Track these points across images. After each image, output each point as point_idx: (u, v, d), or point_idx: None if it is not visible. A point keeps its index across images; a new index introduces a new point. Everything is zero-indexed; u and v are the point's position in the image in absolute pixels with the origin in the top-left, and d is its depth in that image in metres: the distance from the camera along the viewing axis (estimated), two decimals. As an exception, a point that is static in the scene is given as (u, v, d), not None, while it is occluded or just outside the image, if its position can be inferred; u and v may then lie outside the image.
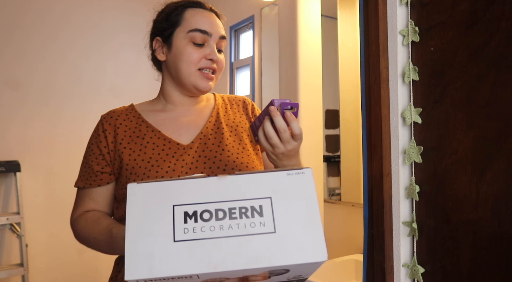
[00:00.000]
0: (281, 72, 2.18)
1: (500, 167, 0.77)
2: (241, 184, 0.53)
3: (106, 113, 0.96)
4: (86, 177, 0.91)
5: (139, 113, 0.94)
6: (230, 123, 0.95)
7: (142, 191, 0.52)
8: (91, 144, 0.93)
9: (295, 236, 0.50)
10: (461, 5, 0.83)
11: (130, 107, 0.97)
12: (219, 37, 0.90)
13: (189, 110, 0.95)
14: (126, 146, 0.88)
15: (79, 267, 2.48)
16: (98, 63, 2.61)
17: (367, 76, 0.98)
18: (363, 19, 1.00)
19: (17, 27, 2.38)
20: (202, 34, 0.88)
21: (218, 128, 0.92)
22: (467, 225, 0.82)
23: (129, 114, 0.94)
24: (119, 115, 0.94)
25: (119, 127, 0.91)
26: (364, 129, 0.99)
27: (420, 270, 0.88)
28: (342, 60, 2.17)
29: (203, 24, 0.88)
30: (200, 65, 0.88)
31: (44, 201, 2.42)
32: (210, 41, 0.89)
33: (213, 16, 0.92)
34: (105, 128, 0.92)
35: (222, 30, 0.92)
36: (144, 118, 0.93)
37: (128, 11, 2.69)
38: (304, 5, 2.06)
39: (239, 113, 0.98)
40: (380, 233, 0.93)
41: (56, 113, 2.48)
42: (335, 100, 2.22)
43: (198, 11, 0.91)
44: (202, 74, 0.88)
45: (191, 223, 0.50)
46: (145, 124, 0.91)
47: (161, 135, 0.89)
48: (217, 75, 0.92)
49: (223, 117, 0.96)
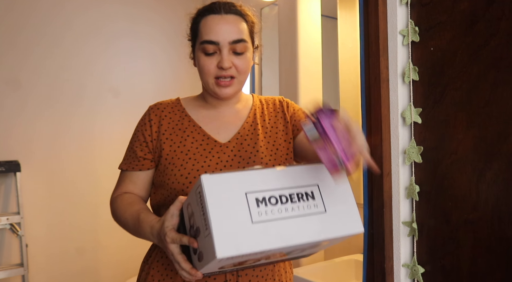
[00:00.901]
0: (281, 72, 2.18)
1: (500, 167, 0.77)
2: (294, 175, 0.64)
3: (153, 105, 1.00)
4: (129, 160, 0.96)
5: (184, 108, 0.99)
6: (266, 125, 0.98)
7: (216, 182, 0.60)
8: (137, 131, 0.97)
9: (340, 214, 0.63)
10: (461, 5, 0.83)
11: (176, 101, 1.02)
12: (229, 42, 0.89)
13: (229, 109, 0.99)
14: (168, 137, 0.94)
15: (79, 267, 2.48)
16: (101, 66, 2.61)
17: (367, 76, 0.98)
18: (363, 19, 1.00)
19: (21, 30, 2.39)
20: (210, 45, 0.89)
21: (254, 130, 0.96)
22: (467, 225, 0.82)
23: (174, 108, 0.99)
24: (165, 108, 0.98)
25: (164, 119, 0.96)
26: (364, 129, 0.99)
27: (420, 270, 0.88)
28: (342, 60, 2.16)
29: (210, 33, 0.90)
30: (216, 75, 0.90)
31: (44, 201, 2.41)
32: (221, 49, 0.89)
33: (224, 20, 0.91)
34: (151, 118, 0.96)
35: (235, 31, 0.90)
36: (187, 113, 0.98)
37: (131, 15, 2.69)
38: (304, 5, 2.06)
39: (274, 112, 1.00)
40: (380, 233, 0.93)
41: (56, 113, 2.48)
42: (335, 100, 2.22)
43: (208, 19, 0.91)
44: (218, 82, 0.91)
45: (262, 207, 0.60)
46: (187, 119, 0.96)
47: (201, 131, 0.94)
48: (239, 79, 0.92)
49: (259, 118, 0.98)
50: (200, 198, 0.60)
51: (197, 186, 0.61)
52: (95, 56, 2.60)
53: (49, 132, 2.45)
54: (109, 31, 2.64)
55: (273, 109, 1.01)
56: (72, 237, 2.46)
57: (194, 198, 0.63)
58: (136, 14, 2.69)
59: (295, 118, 0.99)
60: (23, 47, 2.40)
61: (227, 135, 0.94)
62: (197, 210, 0.62)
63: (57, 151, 2.47)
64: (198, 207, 0.62)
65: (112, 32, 2.64)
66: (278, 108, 1.01)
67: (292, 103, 1.04)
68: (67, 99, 2.52)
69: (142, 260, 0.99)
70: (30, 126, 2.40)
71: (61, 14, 2.51)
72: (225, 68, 0.89)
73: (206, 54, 0.90)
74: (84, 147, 2.54)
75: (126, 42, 2.67)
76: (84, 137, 2.55)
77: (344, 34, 2.17)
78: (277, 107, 1.01)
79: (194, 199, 0.63)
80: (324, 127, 0.63)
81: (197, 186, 0.62)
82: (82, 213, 2.49)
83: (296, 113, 1.00)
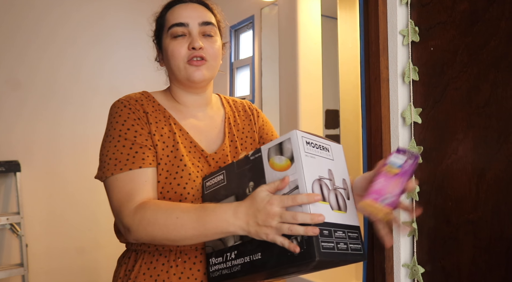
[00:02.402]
0: (281, 72, 2.18)
1: (500, 167, 0.77)
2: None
3: (124, 98, 0.86)
4: (136, 157, 0.79)
5: (164, 108, 0.89)
6: (240, 135, 0.95)
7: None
8: (131, 125, 0.82)
9: None
10: (461, 5, 0.83)
11: (148, 96, 0.90)
12: (198, 23, 0.87)
13: (202, 114, 0.93)
14: (159, 139, 0.83)
15: (79, 267, 2.48)
16: (97, 62, 2.61)
17: (367, 76, 0.98)
18: (363, 19, 1.00)
19: (18, 29, 2.38)
20: (179, 27, 0.87)
21: (232, 141, 0.93)
22: (467, 225, 0.82)
23: (152, 104, 0.88)
24: (143, 104, 0.87)
25: (151, 115, 0.85)
26: (364, 129, 0.99)
27: (420, 270, 0.88)
28: (342, 60, 2.16)
29: (179, 17, 0.87)
30: (188, 56, 0.86)
31: (44, 201, 2.42)
32: (190, 31, 0.87)
33: (191, 7, 0.90)
34: (136, 109, 0.84)
35: (203, 16, 0.89)
36: (169, 113, 0.89)
37: (127, 8, 2.69)
38: (304, 5, 2.06)
39: (247, 120, 0.98)
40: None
41: (57, 113, 2.48)
42: (335, 100, 2.22)
43: (176, 8, 0.90)
44: (191, 64, 0.86)
45: None
46: (172, 120, 0.88)
47: (188, 137, 0.87)
48: (211, 63, 0.88)
49: (233, 128, 0.95)
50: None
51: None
52: (99, 60, 2.60)
53: (49, 132, 2.45)
54: (104, 25, 2.63)
55: (244, 117, 0.98)
56: (72, 236, 2.46)
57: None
58: (132, 7, 2.69)
59: (265, 131, 0.97)
60: (20, 47, 2.39)
61: (210, 146, 0.89)
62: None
63: (57, 151, 2.47)
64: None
65: (107, 26, 2.64)
66: (249, 116, 0.98)
67: (261, 112, 1.01)
68: (67, 100, 2.52)
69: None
70: (30, 126, 2.40)
71: (56, 11, 2.50)
72: (196, 48, 0.85)
73: (175, 37, 0.86)
74: (84, 147, 2.53)
75: (129, 49, 2.68)
76: (84, 138, 2.55)
77: (344, 34, 2.17)
78: (248, 115, 0.98)
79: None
80: (409, 168, 0.66)
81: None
82: (82, 213, 2.49)
83: (265, 125, 0.98)
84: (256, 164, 0.71)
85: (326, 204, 0.65)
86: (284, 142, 0.67)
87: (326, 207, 0.64)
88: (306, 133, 0.68)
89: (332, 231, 0.63)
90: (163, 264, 0.80)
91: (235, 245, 0.72)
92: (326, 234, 0.61)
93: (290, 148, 0.65)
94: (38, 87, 2.44)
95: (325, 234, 0.61)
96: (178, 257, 0.80)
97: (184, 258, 0.80)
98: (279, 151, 0.68)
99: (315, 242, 0.59)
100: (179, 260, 0.80)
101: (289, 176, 0.64)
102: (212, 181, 0.81)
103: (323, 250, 0.60)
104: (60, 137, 2.48)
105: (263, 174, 0.69)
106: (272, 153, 0.68)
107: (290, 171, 0.64)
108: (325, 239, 0.61)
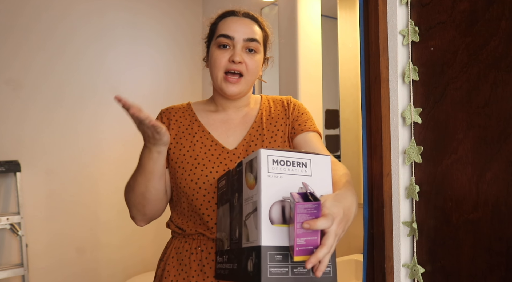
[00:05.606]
0: (281, 72, 2.18)
1: (500, 167, 0.77)
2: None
3: (165, 109, 1.03)
4: None
5: (194, 113, 1.02)
6: (272, 128, 0.99)
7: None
8: None
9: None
10: (461, 5, 0.83)
11: (187, 106, 1.04)
12: (243, 39, 0.93)
13: (237, 113, 1.01)
14: (178, 141, 0.96)
15: (79, 267, 2.48)
16: (96, 62, 2.61)
17: (367, 76, 0.98)
18: (363, 19, 1.00)
19: (15, 27, 2.38)
20: (225, 39, 0.94)
21: (260, 135, 0.97)
22: (467, 225, 0.82)
23: (185, 112, 1.02)
24: (176, 112, 1.01)
25: (175, 123, 0.99)
26: (364, 129, 0.99)
27: (420, 270, 0.88)
28: (342, 60, 2.16)
29: (227, 29, 0.94)
30: (226, 68, 0.93)
31: (44, 201, 2.41)
32: (235, 44, 0.93)
33: (241, 21, 0.96)
34: (163, 121, 1.00)
35: (250, 32, 0.95)
36: (197, 117, 1.00)
37: (126, 7, 2.69)
38: (304, 5, 2.06)
39: (281, 114, 1.01)
40: (380, 233, 0.93)
41: (56, 113, 2.48)
42: (335, 100, 2.22)
43: (227, 19, 0.97)
44: (226, 78, 0.93)
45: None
46: (197, 124, 0.99)
47: (209, 136, 0.96)
48: (247, 79, 0.95)
49: (265, 121, 0.99)
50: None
51: None
52: (97, 59, 2.60)
53: (49, 132, 2.45)
54: (111, 37, 2.64)
55: (280, 112, 1.02)
56: (72, 236, 2.46)
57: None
58: (137, 21, 2.69)
59: (298, 122, 0.99)
60: (19, 46, 2.39)
61: (235, 141, 0.96)
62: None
63: (57, 151, 2.47)
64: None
65: (114, 37, 2.65)
66: (285, 110, 1.02)
67: (299, 105, 1.03)
68: (67, 100, 2.52)
69: (142, 259, 1.02)
70: (30, 126, 2.40)
71: (53, 8, 2.50)
72: (236, 61, 0.91)
73: (220, 46, 0.94)
74: (84, 147, 2.54)
75: (128, 47, 2.68)
76: (84, 138, 2.55)
77: (344, 34, 2.17)
78: (284, 109, 1.02)
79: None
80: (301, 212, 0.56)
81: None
82: (82, 213, 2.49)
83: (299, 117, 1.00)
84: (239, 176, 0.71)
85: (286, 226, 0.61)
86: (253, 160, 0.65)
87: (283, 230, 0.60)
88: (277, 150, 0.65)
89: (289, 255, 0.60)
90: (186, 251, 0.92)
91: (226, 250, 0.75)
92: (279, 258, 0.59)
93: (256, 167, 0.64)
94: (38, 87, 2.44)
95: (277, 258, 0.58)
96: (198, 245, 0.91)
97: (202, 247, 0.90)
98: (250, 168, 0.66)
99: (263, 266, 0.57)
100: (198, 248, 0.91)
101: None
102: (221, 183, 0.85)
103: (270, 276, 0.57)
104: (60, 138, 2.48)
105: (242, 187, 0.69)
106: (248, 169, 0.67)
107: (254, 191, 0.63)
108: (276, 264, 0.58)
